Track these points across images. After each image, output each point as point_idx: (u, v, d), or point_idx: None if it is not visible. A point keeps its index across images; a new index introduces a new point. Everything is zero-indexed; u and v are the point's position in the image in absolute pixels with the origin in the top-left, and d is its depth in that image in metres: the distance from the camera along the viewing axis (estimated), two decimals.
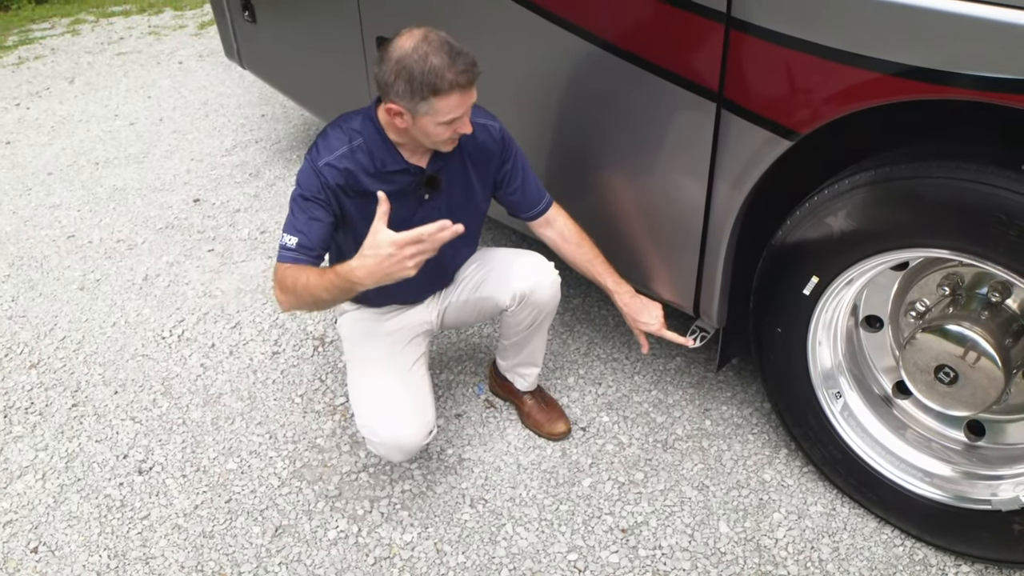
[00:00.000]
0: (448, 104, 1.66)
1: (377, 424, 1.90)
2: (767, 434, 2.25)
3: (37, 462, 2.31)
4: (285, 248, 1.78)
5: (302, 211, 1.79)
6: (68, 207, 3.71)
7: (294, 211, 1.80)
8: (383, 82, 1.68)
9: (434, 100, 1.65)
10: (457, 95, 1.66)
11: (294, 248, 1.77)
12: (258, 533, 2.06)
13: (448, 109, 1.67)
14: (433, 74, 1.62)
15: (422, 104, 1.66)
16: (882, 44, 1.44)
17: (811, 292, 1.81)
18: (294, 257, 1.77)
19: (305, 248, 1.77)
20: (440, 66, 1.62)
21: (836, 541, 1.94)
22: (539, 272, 2.04)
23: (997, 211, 1.45)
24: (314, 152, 1.81)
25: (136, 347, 2.75)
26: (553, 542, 1.99)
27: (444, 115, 1.68)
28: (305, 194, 1.79)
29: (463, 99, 1.68)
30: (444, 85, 1.63)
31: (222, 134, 4.38)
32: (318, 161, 1.79)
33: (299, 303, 1.77)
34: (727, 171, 1.81)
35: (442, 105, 1.66)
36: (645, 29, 1.84)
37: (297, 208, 1.80)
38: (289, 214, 1.81)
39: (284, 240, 1.78)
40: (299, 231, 1.78)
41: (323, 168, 1.78)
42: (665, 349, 2.57)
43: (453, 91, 1.65)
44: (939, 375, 1.69)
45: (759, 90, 1.67)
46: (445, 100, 1.65)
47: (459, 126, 1.73)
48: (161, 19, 6.65)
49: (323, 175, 1.78)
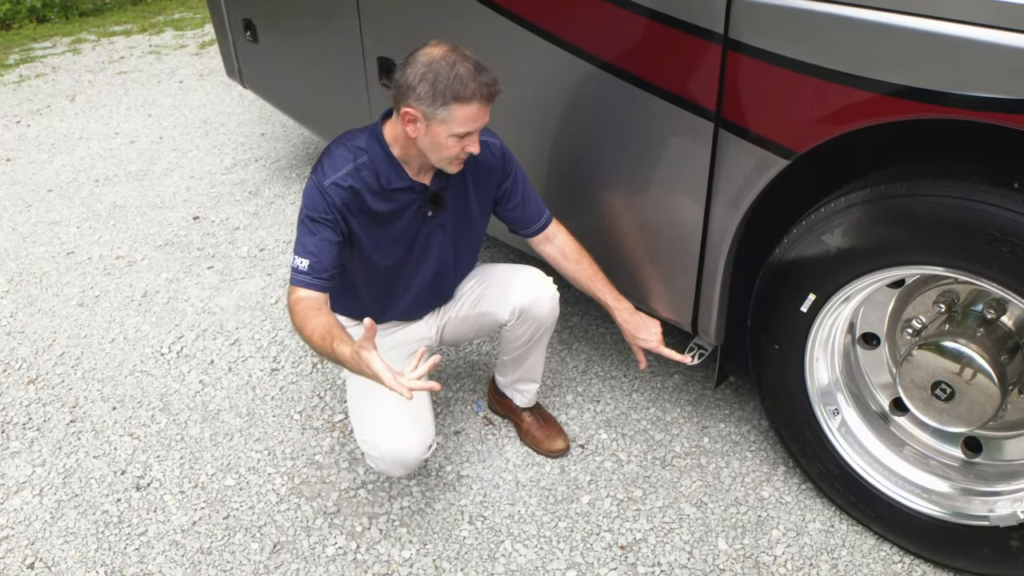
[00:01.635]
0: (466, 114, 1.69)
1: (378, 438, 1.90)
2: (765, 451, 2.26)
3: (34, 478, 2.30)
4: (297, 271, 1.81)
5: (311, 232, 1.81)
6: (68, 224, 3.72)
7: (303, 232, 1.83)
8: (405, 84, 1.71)
9: (454, 107, 1.68)
10: (476, 106, 1.70)
11: (306, 271, 1.80)
12: (256, 549, 2.05)
13: (464, 120, 1.70)
14: (458, 81, 1.66)
15: (441, 110, 1.69)
16: (878, 65, 1.47)
17: (808, 309, 1.82)
18: (307, 281, 1.80)
19: (317, 270, 1.80)
20: (466, 75, 1.67)
21: (835, 558, 1.95)
22: (538, 287, 2.06)
23: (991, 228, 1.47)
24: (319, 171, 1.83)
25: (135, 363, 2.75)
26: (552, 559, 1.99)
27: (459, 126, 1.71)
28: (312, 215, 1.81)
29: (480, 113, 1.72)
30: (467, 93, 1.67)
31: (222, 152, 4.41)
32: (323, 181, 1.80)
33: (300, 335, 1.80)
34: (724, 190, 1.83)
35: (460, 114, 1.69)
36: (643, 50, 1.87)
37: (305, 230, 1.82)
38: (298, 235, 1.83)
39: (296, 262, 1.81)
40: (310, 253, 1.80)
41: (329, 188, 1.80)
42: (663, 367, 2.58)
43: (473, 101, 1.69)
44: (936, 392, 1.70)
45: (756, 110, 1.69)
46: (464, 109, 1.69)
47: (468, 143, 1.76)
48: (162, 39, 6.70)
49: (329, 195, 1.80)
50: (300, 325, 1.76)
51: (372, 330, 1.58)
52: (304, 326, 1.75)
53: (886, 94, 1.47)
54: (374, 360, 1.57)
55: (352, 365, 1.63)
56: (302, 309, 1.77)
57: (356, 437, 1.95)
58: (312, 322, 1.74)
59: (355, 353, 1.60)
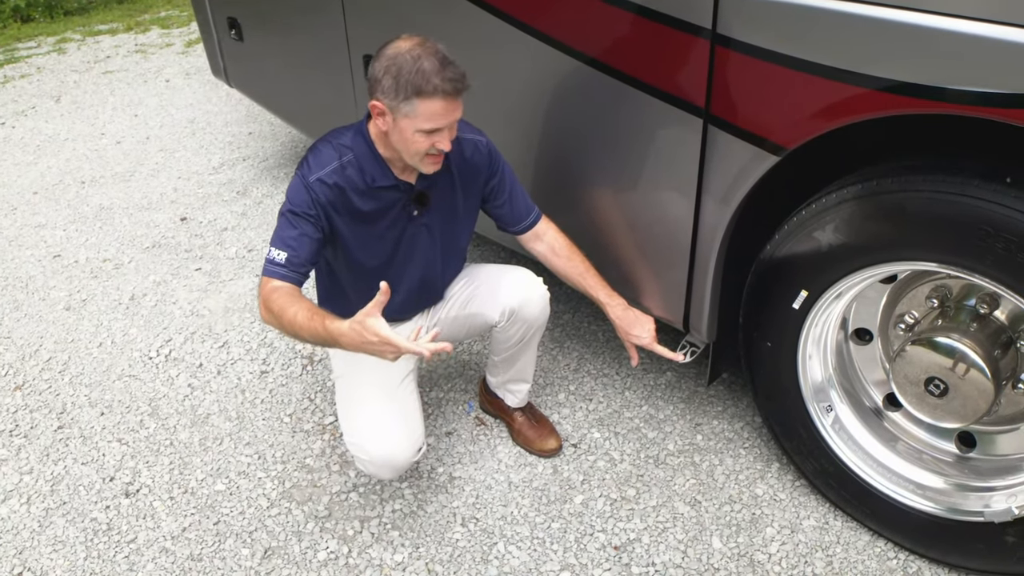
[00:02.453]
0: (429, 109, 1.66)
1: (366, 441, 1.88)
2: (759, 448, 2.25)
3: (22, 486, 2.27)
4: (273, 263, 1.76)
5: (292, 226, 1.77)
6: (54, 227, 3.68)
7: (283, 226, 1.78)
8: (372, 77, 1.69)
9: (416, 102, 1.65)
10: (440, 102, 1.66)
11: (283, 263, 1.75)
12: (247, 555, 2.03)
13: (429, 115, 1.67)
14: (421, 75, 1.63)
15: (404, 104, 1.66)
16: (868, 59, 1.45)
17: (800, 306, 1.81)
18: (283, 273, 1.75)
19: (293, 264, 1.76)
20: (429, 69, 1.64)
21: (830, 555, 1.94)
22: (528, 287, 2.04)
23: (983, 224, 1.45)
24: (305, 168, 1.80)
25: (123, 368, 2.72)
26: (545, 560, 1.98)
27: (424, 121, 1.67)
28: (295, 209, 1.77)
29: (446, 109, 1.68)
30: (429, 88, 1.64)
31: (209, 152, 4.37)
32: (309, 177, 1.78)
33: (279, 328, 1.74)
34: (714, 187, 1.81)
35: (423, 109, 1.66)
36: (631, 46, 1.85)
37: (286, 223, 1.78)
38: (278, 227, 1.79)
39: (272, 254, 1.76)
40: (288, 246, 1.76)
41: (314, 184, 1.77)
42: (655, 364, 2.57)
43: (436, 96, 1.65)
44: (929, 387, 1.69)
45: (745, 106, 1.67)
46: (427, 104, 1.65)
47: (438, 140, 1.72)
48: (148, 37, 6.64)
49: (314, 191, 1.77)
50: (279, 312, 1.69)
51: (386, 294, 1.53)
52: (283, 313, 1.68)
53: (876, 89, 1.45)
54: (382, 325, 1.51)
55: (353, 337, 1.55)
56: (278, 297, 1.70)
57: (344, 440, 1.93)
58: (292, 307, 1.67)
59: (358, 323, 1.54)
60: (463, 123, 1.92)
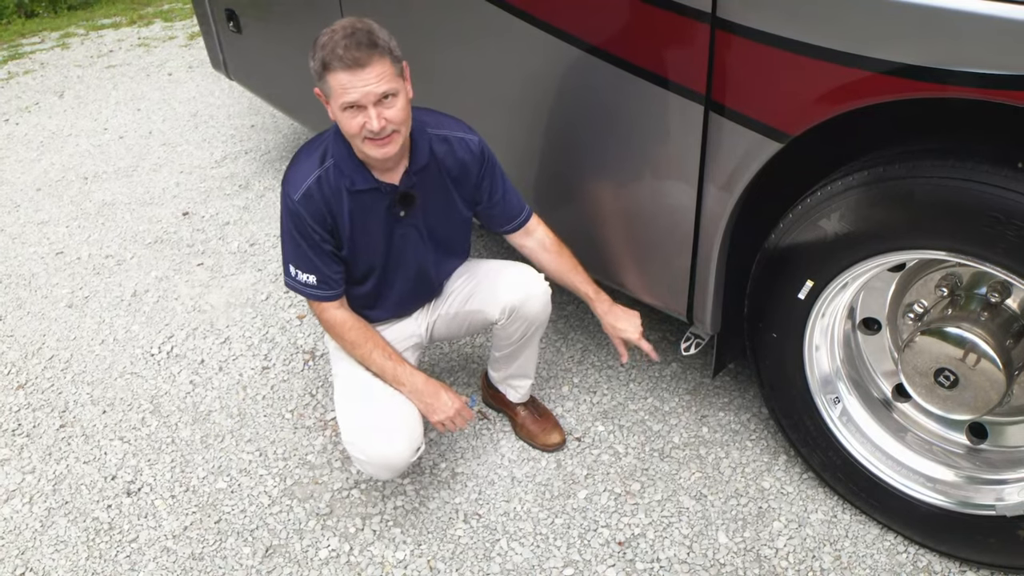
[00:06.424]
0: (339, 81, 1.63)
1: (363, 441, 1.86)
2: (765, 440, 2.21)
3: (24, 485, 2.27)
4: (309, 286, 1.84)
5: (308, 247, 1.81)
6: (57, 223, 3.68)
7: (295, 249, 1.83)
8: None
9: (327, 76, 1.64)
10: (343, 73, 1.62)
11: (317, 285, 1.84)
12: (248, 554, 2.01)
13: (340, 89, 1.64)
14: (325, 48, 1.63)
15: (323, 84, 1.67)
16: (872, 42, 1.40)
17: (806, 296, 1.77)
18: (326, 294, 1.87)
19: (328, 280, 1.85)
20: (333, 42, 1.62)
21: (838, 549, 1.90)
22: (528, 284, 2.00)
23: (994, 210, 1.41)
24: (286, 186, 1.81)
25: (125, 365, 2.71)
26: (549, 557, 1.95)
27: (338, 96, 1.65)
28: (294, 231, 1.81)
29: (352, 79, 1.62)
30: (332, 59, 1.62)
31: (212, 146, 4.35)
32: (293, 196, 1.78)
33: (342, 347, 1.94)
34: (717, 174, 1.77)
35: (334, 83, 1.64)
36: (629, 32, 1.80)
37: (296, 245, 1.82)
38: (292, 248, 1.83)
39: (303, 278, 1.83)
40: (313, 266, 1.82)
41: (299, 202, 1.78)
42: (660, 355, 2.53)
43: (339, 68, 1.62)
44: (939, 378, 1.64)
45: (747, 91, 1.63)
46: (335, 77, 1.63)
47: (364, 118, 1.66)
48: (151, 31, 6.62)
49: (300, 210, 1.78)
50: (350, 342, 1.90)
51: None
52: (355, 345, 1.89)
53: (881, 72, 1.40)
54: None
55: (417, 390, 1.87)
56: (348, 331, 1.89)
57: (342, 438, 1.90)
58: (367, 343, 1.88)
59: (429, 383, 1.87)
60: (455, 121, 1.89)
